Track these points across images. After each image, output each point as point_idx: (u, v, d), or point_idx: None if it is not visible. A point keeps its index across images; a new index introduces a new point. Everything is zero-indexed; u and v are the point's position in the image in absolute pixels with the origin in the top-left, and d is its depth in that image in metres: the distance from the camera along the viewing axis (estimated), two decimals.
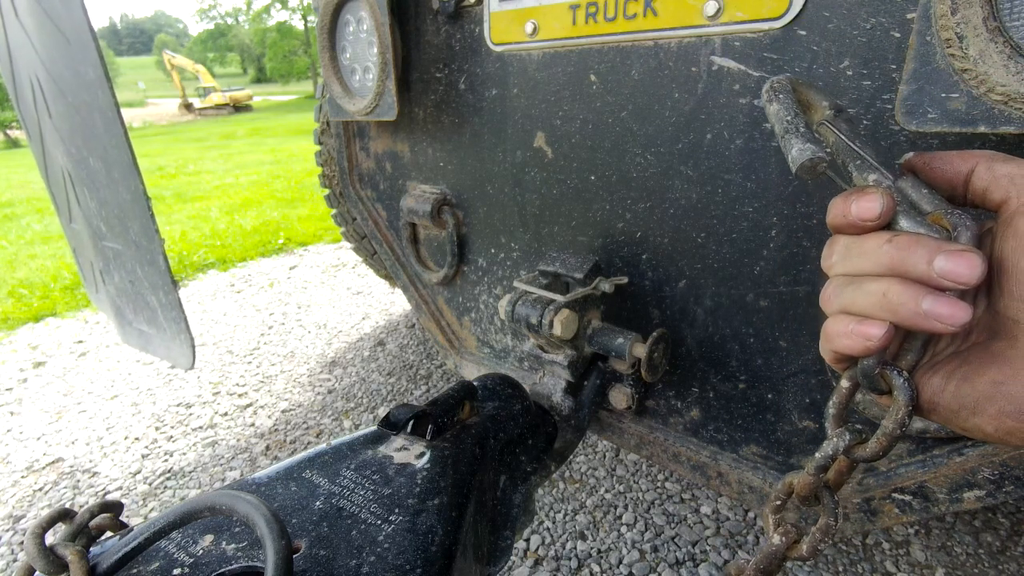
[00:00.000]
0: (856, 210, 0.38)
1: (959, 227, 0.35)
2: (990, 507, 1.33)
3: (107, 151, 1.07)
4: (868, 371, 0.39)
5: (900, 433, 0.38)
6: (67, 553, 0.40)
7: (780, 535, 0.45)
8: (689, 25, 0.72)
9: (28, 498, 1.54)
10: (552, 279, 0.89)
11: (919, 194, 0.38)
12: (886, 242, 0.36)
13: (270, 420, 1.84)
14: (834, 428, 0.43)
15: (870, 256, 0.37)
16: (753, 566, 0.46)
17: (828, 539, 0.44)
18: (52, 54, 1.10)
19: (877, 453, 0.40)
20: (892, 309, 0.35)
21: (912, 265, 0.35)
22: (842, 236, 0.40)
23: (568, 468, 1.53)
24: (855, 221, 0.38)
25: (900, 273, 0.35)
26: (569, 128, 0.90)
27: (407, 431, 0.62)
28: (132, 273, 1.25)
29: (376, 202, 1.34)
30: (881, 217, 0.37)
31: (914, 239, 0.35)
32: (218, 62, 74.71)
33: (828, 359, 0.42)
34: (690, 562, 1.22)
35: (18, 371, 2.27)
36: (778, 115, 0.43)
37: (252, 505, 0.39)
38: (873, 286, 0.36)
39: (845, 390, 0.43)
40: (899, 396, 0.38)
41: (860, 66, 0.62)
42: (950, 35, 0.50)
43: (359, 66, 1.07)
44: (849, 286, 0.39)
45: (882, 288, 0.36)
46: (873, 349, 0.37)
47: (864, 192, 0.38)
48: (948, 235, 0.36)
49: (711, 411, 0.90)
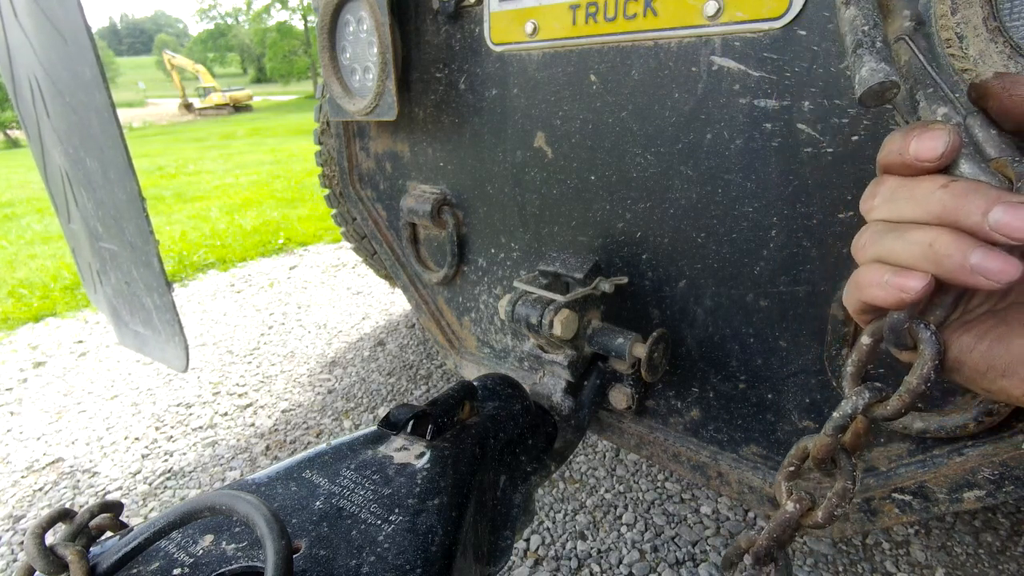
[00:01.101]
0: (916, 148, 0.34)
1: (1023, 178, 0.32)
2: (990, 507, 1.33)
3: (103, 151, 1.07)
4: (897, 325, 0.36)
5: (924, 390, 0.36)
6: (67, 553, 0.40)
7: (794, 502, 0.43)
8: (689, 25, 0.72)
9: (28, 498, 1.54)
10: (552, 279, 0.89)
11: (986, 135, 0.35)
12: (940, 187, 0.33)
13: (270, 420, 1.84)
14: (852, 386, 0.41)
15: (920, 201, 0.34)
16: (766, 535, 0.44)
17: (845, 504, 0.41)
18: (50, 54, 1.10)
19: (899, 411, 0.37)
20: (936, 260, 0.32)
21: (966, 214, 0.31)
22: (891, 177, 0.36)
23: (568, 468, 1.53)
24: (911, 161, 0.34)
25: (951, 222, 0.32)
26: (569, 128, 0.90)
27: (407, 431, 0.62)
28: (128, 274, 1.24)
29: (376, 202, 1.34)
30: (943, 158, 0.33)
31: (972, 186, 0.32)
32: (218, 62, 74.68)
33: (853, 311, 0.39)
34: (690, 562, 1.22)
35: (18, 371, 2.27)
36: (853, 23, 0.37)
37: (252, 505, 0.39)
38: (918, 235, 0.33)
39: (866, 346, 0.40)
40: (925, 351, 0.36)
41: None
42: (950, 35, 0.50)
43: (359, 66, 1.07)
44: (890, 233, 0.35)
45: (928, 237, 0.33)
46: (908, 302, 0.34)
47: (928, 129, 0.34)
48: (1010, 185, 0.32)
49: (711, 411, 0.90)
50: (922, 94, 0.36)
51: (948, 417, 0.65)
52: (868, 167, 0.64)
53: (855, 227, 0.67)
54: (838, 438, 0.41)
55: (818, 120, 0.66)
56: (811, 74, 0.65)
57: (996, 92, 0.35)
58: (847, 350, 0.71)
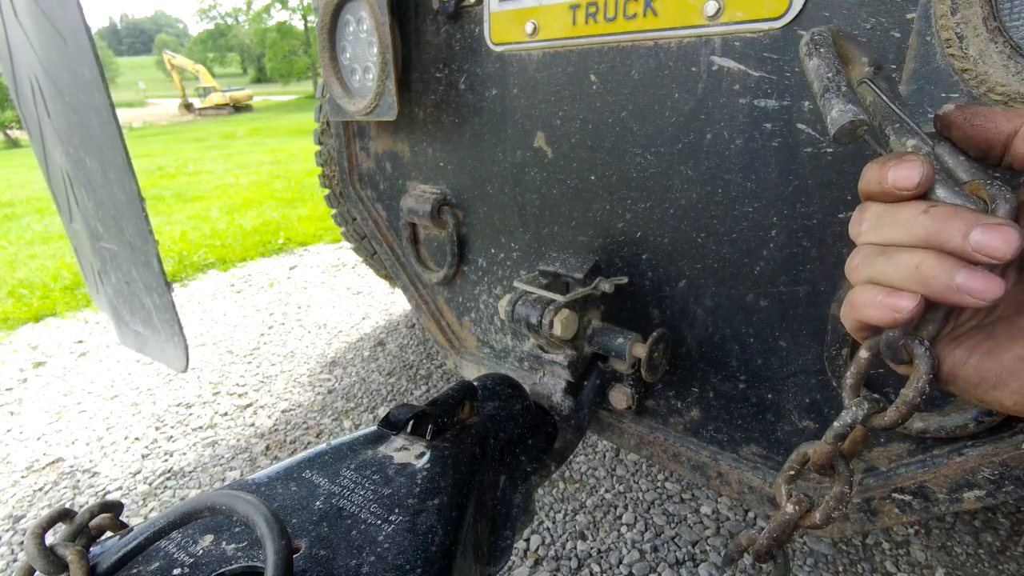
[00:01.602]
0: (893, 178, 0.36)
1: (997, 199, 0.34)
2: (990, 507, 1.33)
3: (103, 151, 1.07)
4: (893, 342, 0.39)
5: (919, 402, 0.38)
6: (67, 553, 0.40)
7: (793, 504, 0.46)
8: (689, 25, 0.72)
9: (28, 498, 1.54)
10: (552, 279, 0.89)
11: (956, 161, 0.37)
12: (921, 213, 0.35)
13: (270, 420, 1.84)
14: (851, 397, 0.43)
15: (903, 226, 0.36)
16: (767, 535, 0.46)
17: (842, 507, 0.44)
18: (50, 54, 1.10)
19: (896, 421, 0.40)
20: (924, 282, 0.34)
21: (948, 238, 0.33)
22: (874, 204, 0.39)
23: (568, 468, 1.53)
24: (890, 189, 0.36)
25: (935, 245, 0.34)
26: (569, 128, 0.90)
27: (407, 431, 0.62)
28: (128, 274, 1.24)
29: (376, 202, 1.34)
30: (919, 187, 0.35)
31: (951, 210, 0.34)
32: (218, 62, 74.68)
33: (850, 328, 0.42)
34: (690, 562, 1.22)
35: (18, 371, 2.27)
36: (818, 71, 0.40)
37: (252, 505, 0.39)
38: (905, 257, 0.36)
39: (864, 360, 0.42)
40: (920, 365, 0.38)
41: None
42: (950, 35, 0.50)
43: (359, 66, 1.07)
44: (879, 256, 0.38)
45: (915, 260, 0.35)
46: (901, 321, 0.36)
47: (902, 160, 0.36)
48: (985, 207, 0.34)
49: (711, 411, 0.90)
50: (890, 128, 0.39)
51: (948, 417, 0.65)
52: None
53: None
54: (838, 446, 0.44)
55: (818, 120, 0.66)
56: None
57: (959, 122, 0.37)
58: (847, 350, 0.71)
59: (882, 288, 0.37)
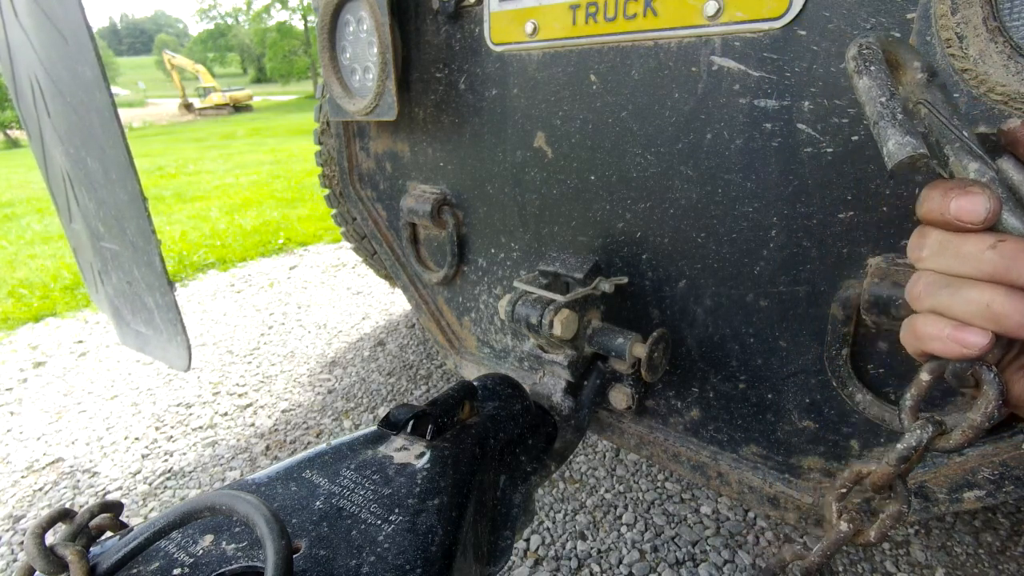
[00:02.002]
0: (956, 210, 0.34)
1: None
2: (990, 507, 1.33)
3: (104, 151, 1.07)
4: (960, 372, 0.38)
5: (987, 426, 0.38)
6: (67, 553, 0.40)
7: (846, 522, 0.46)
8: (689, 25, 0.72)
9: (28, 498, 1.54)
10: (552, 279, 0.89)
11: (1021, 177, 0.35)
12: (989, 248, 0.34)
13: (270, 420, 1.84)
14: (911, 420, 0.42)
15: (970, 260, 0.34)
16: (819, 552, 0.46)
17: (899, 525, 0.44)
18: (50, 54, 1.10)
19: (961, 444, 0.39)
20: (996, 320, 0.34)
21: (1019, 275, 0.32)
22: (934, 230, 0.37)
23: (568, 468, 1.53)
24: (953, 221, 0.35)
25: (1005, 282, 0.33)
26: (569, 128, 0.90)
27: (407, 431, 0.62)
28: (129, 274, 1.24)
29: (376, 202, 1.34)
30: (985, 222, 0.34)
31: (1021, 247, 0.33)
32: (218, 62, 74.66)
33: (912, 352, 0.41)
34: (690, 562, 1.22)
35: (18, 371, 2.27)
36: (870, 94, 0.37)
37: (252, 505, 0.39)
38: (974, 293, 0.34)
39: (925, 384, 0.42)
40: (989, 392, 0.37)
41: None
42: (950, 35, 0.50)
43: (359, 66, 1.07)
44: (945, 288, 0.36)
45: (985, 298, 0.34)
46: (972, 357, 0.36)
47: (967, 191, 0.34)
48: None
49: (711, 411, 0.90)
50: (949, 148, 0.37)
51: (948, 417, 0.65)
52: (868, 167, 0.64)
53: (855, 227, 0.67)
54: (900, 468, 0.43)
55: (818, 120, 0.66)
56: (811, 74, 0.65)
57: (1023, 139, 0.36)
58: (847, 350, 0.71)
59: (949, 321, 0.36)
